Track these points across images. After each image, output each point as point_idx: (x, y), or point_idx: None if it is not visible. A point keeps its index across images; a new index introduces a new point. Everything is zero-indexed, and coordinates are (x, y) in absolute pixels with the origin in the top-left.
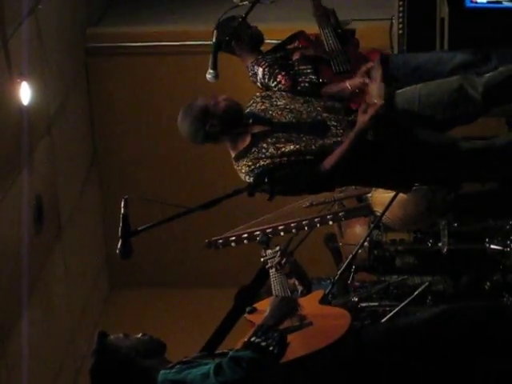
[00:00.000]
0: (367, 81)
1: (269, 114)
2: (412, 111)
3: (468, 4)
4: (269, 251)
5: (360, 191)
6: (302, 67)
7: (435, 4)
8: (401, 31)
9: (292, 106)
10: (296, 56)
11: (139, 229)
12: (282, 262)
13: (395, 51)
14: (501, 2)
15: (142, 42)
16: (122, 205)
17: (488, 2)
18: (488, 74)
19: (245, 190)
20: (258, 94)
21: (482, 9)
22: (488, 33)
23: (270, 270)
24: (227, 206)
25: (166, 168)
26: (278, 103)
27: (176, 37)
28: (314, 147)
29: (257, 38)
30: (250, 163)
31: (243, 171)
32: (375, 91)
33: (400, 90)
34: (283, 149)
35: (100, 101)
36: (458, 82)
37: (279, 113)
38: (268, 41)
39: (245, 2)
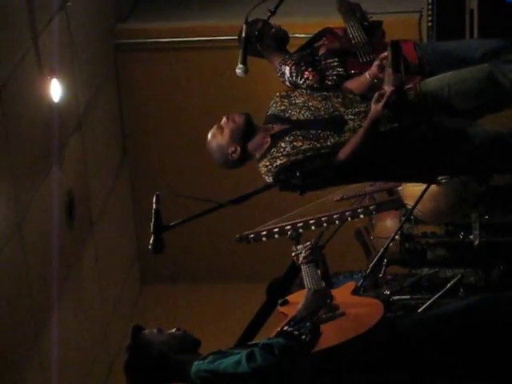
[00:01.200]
0: (383, 67)
1: (288, 113)
2: (441, 99)
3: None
4: (299, 246)
5: (390, 184)
6: (329, 61)
7: None
8: (430, 24)
9: (310, 104)
10: (322, 51)
11: (171, 224)
12: (312, 256)
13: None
14: None
15: (170, 38)
16: (154, 200)
17: None
18: None
19: (275, 184)
20: (277, 93)
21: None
22: None
23: (302, 265)
24: (258, 201)
25: (196, 163)
26: (297, 101)
27: (205, 32)
28: (329, 143)
29: (281, 38)
30: (267, 163)
31: (263, 172)
32: (387, 79)
33: (429, 79)
34: (300, 146)
35: (130, 96)
36: (488, 70)
37: (297, 111)
38: (296, 35)
39: None
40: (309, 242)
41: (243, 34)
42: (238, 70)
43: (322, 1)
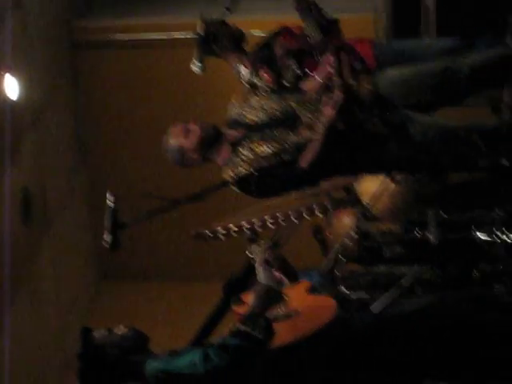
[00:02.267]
0: (331, 71)
1: (244, 116)
2: (397, 93)
3: None
4: (255, 247)
5: (346, 181)
6: (285, 61)
7: None
8: (386, 22)
9: (267, 105)
10: (279, 51)
11: (127, 222)
12: (269, 258)
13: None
14: None
15: (129, 35)
16: (112, 198)
17: None
18: (474, 56)
19: (231, 182)
20: (234, 96)
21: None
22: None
23: (256, 266)
24: (216, 198)
25: (155, 161)
26: (254, 104)
27: (163, 29)
28: (287, 145)
29: (237, 39)
30: (229, 171)
31: (228, 179)
32: (335, 84)
33: (385, 72)
34: (257, 150)
35: (87, 94)
36: (444, 64)
37: (254, 113)
38: (253, 33)
39: None
40: (263, 242)
41: (200, 32)
42: (195, 68)
43: None
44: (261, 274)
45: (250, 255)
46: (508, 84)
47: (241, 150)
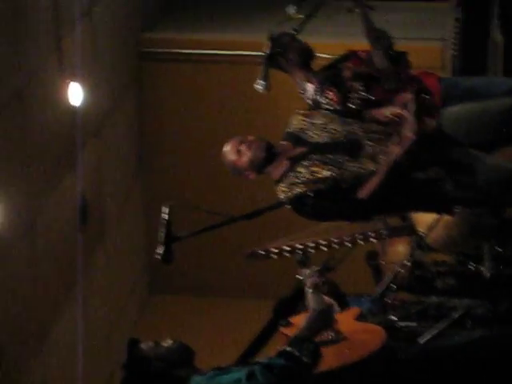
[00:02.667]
0: (404, 112)
1: (306, 134)
2: (461, 131)
3: None
4: (306, 271)
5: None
6: (354, 84)
7: (489, 27)
8: (455, 52)
9: (330, 126)
10: (347, 73)
11: (181, 235)
12: (320, 282)
13: (447, 72)
14: None
15: (195, 50)
16: (166, 211)
17: None
18: None
19: (288, 202)
20: (298, 110)
21: None
22: None
23: (307, 290)
24: (271, 217)
25: (212, 176)
26: (317, 122)
27: (230, 46)
28: (347, 172)
29: (307, 55)
30: (285, 189)
31: (281, 196)
32: (409, 125)
33: (448, 109)
34: (318, 174)
35: (150, 106)
36: (510, 103)
37: (317, 133)
38: (320, 55)
39: (300, 16)
40: (315, 267)
41: (267, 51)
42: (258, 86)
43: (346, 22)
44: (310, 298)
45: (300, 278)
46: None
47: (299, 169)
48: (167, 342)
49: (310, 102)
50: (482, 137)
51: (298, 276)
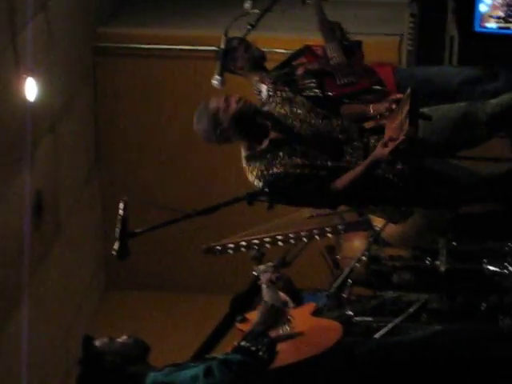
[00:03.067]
0: (393, 107)
1: (289, 121)
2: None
3: (477, 28)
4: (261, 267)
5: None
6: (306, 81)
7: (445, 22)
8: (410, 47)
9: (313, 121)
10: (300, 71)
11: (137, 231)
12: (274, 278)
13: (404, 67)
14: (510, 28)
15: (150, 44)
16: (121, 206)
17: (498, 28)
18: (493, 102)
19: (244, 198)
20: (278, 93)
21: (491, 34)
22: (496, 56)
23: (262, 286)
24: (227, 213)
25: (168, 171)
26: (299, 111)
27: (185, 41)
28: (328, 166)
29: (258, 59)
30: (263, 168)
31: (254, 173)
32: (398, 126)
33: None
34: (298, 160)
35: (106, 100)
36: (464, 110)
37: (299, 123)
38: (276, 50)
39: (255, 10)
40: (270, 263)
41: (222, 46)
42: (215, 82)
43: (302, 17)
44: (265, 294)
45: (255, 274)
46: None
47: (280, 153)
48: (122, 338)
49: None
50: (437, 142)
51: (253, 272)
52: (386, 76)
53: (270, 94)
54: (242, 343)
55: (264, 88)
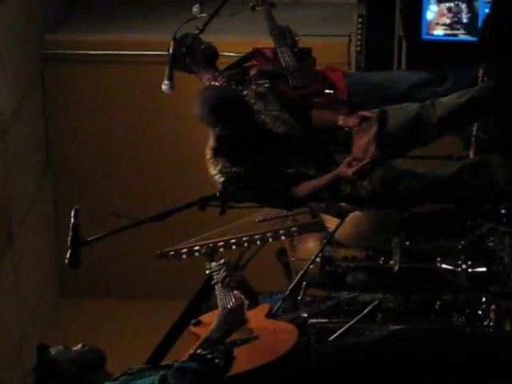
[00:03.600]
0: (363, 125)
1: (261, 118)
2: None
3: (424, 36)
4: (213, 264)
5: (313, 207)
6: (260, 82)
7: (393, 22)
8: (359, 48)
9: (285, 117)
10: (253, 71)
11: (89, 239)
12: (227, 278)
13: (352, 68)
14: (457, 35)
15: (99, 50)
16: (73, 214)
17: (444, 35)
18: (443, 101)
19: (196, 203)
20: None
21: (438, 41)
22: (444, 62)
23: (215, 285)
24: (180, 218)
25: (121, 177)
26: (272, 109)
27: (134, 46)
28: (292, 170)
29: (211, 54)
30: (227, 164)
31: (218, 168)
32: (364, 147)
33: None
34: (263, 162)
35: (56, 107)
36: (415, 112)
37: (272, 121)
38: (225, 53)
39: (203, 15)
40: (222, 260)
41: (171, 51)
42: (164, 87)
43: (251, 20)
44: (219, 295)
45: (208, 272)
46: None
47: (247, 154)
48: (77, 347)
49: None
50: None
51: (206, 271)
52: (336, 80)
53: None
54: (198, 351)
55: None
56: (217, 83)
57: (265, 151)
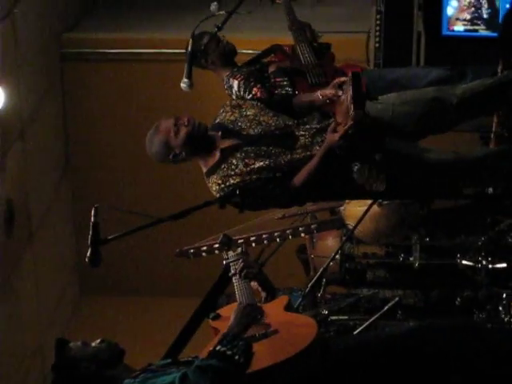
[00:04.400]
0: (339, 93)
1: (238, 125)
2: (385, 120)
3: (445, 32)
4: (230, 253)
5: (333, 204)
6: (278, 79)
7: (412, 18)
8: (377, 45)
9: (261, 118)
10: (272, 68)
11: (109, 237)
12: (244, 269)
13: (371, 65)
14: (477, 31)
15: (117, 49)
16: (92, 213)
17: (465, 31)
18: (463, 86)
19: (216, 201)
20: (227, 102)
21: (458, 37)
22: (463, 58)
23: (233, 277)
24: (199, 216)
25: (140, 176)
26: (248, 113)
27: (152, 44)
28: (283, 162)
29: (229, 52)
30: (219, 181)
31: (214, 188)
32: (345, 110)
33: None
34: (252, 165)
35: (74, 106)
36: (433, 94)
37: (248, 124)
38: (244, 51)
39: (221, 12)
40: (240, 249)
41: (189, 49)
42: (183, 85)
43: (270, 18)
44: (237, 288)
45: (225, 262)
46: (497, 113)
47: (233, 160)
48: (95, 342)
49: (235, 98)
50: (403, 127)
51: (223, 260)
52: None
53: (242, 90)
54: (218, 348)
55: (235, 83)
56: (235, 80)
57: (250, 155)
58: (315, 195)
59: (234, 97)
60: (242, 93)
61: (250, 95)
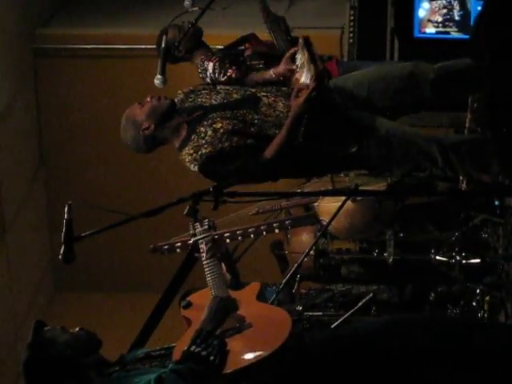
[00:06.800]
0: (293, 66)
1: (198, 102)
2: (360, 95)
3: (416, 34)
4: (198, 229)
5: (306, 200)
6: (254, 62)
7: (386, 14)
8: (351, 40)
9: (219, 87)
10: (248, 52)
11: (82, 235)
12: (212, 249)
13: (345, 60)
14: (449, 33)
15: (91, 44)
16: (66, 210)
17: (436, 33)
18: (441, 63)
19: (189, 198)
20: (180, 91)
21: (430, 39)
22: (435, 59)
23: (203, 260)
24: (173, 213)
25: (114, 171)
26: (203, 91)
27: (126, 40)
28: (249, 121)
29: (196, 32)
30: (191, 151)
31: (187, 160)
32: (305, 74)
33: (350, 74)
34: (220, 129)
35: (48, 102)
36: (410, 68)
37: (207, 97)
38: (218, 47)
39: (195, 8)
40: (206, 221)
41: (162, 45)
42: (157, 81)
43: (245, 13)
44: (207, 267)
45: (191, 238)
46: (471, 106)
47: (202, 129)
48: (74, 330)
49: (209, 81)
50: (379, 103)
51: (190, 233)
52: (330, 68)
53: (216, 72)
54: (192, 348)
55: (210, 66)
56: (211, 62)
57: (216, 119)
58: (288, 171)
59: (207, 79)
60: (216, 75)
61: (225, 77)
